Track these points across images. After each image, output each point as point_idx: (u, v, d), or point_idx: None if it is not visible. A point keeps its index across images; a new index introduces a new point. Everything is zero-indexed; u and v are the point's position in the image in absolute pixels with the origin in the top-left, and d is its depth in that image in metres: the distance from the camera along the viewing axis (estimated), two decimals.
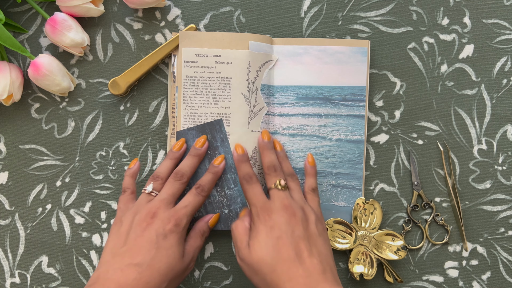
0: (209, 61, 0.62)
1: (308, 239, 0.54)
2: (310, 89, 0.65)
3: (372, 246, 0.64)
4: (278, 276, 0.51)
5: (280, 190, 0.56)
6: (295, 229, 0.53)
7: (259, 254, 0.52)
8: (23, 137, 0.65)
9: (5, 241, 0.65)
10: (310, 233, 0.54)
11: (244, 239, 0.55)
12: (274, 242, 0.52)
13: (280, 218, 0.54)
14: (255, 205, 0.56)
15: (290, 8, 0.66)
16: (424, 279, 0.66)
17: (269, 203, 0.56)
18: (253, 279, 0.54)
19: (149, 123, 0.66)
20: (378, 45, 0.66)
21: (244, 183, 0.58)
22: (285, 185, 0.57)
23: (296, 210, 0.55)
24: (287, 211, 0.54)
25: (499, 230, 0.66)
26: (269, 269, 0.51)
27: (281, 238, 0.52)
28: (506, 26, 0.67)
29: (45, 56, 0.60)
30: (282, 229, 0.53)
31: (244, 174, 0.58)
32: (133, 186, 0.61)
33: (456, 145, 0.66)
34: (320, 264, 0.52)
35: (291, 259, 0.51)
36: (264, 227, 0.54)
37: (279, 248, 0.52)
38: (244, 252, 0.54)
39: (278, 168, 0.59)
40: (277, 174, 0.58)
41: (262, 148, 0.61)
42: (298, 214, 0.55)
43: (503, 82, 0.66)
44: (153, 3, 0.62)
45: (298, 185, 0.60)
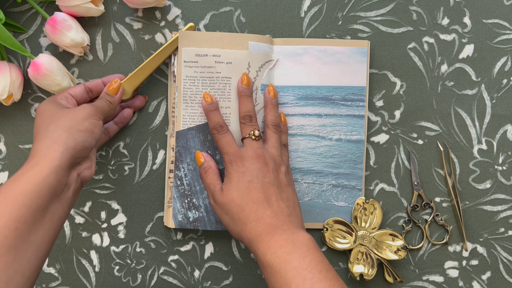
0: (209, 61, 0.62)
1: (278, 186, 0.56)
2: (310, 89, 0.65)
3: (372, 246, 0.64)
4: (246, 216, 0.53)
5: (254, 140, 0.58)
6: (266, 176, 0.55)
7: (230, 195, 0.55)
8: (23, 137, 0.65)
9: None
10: (280, 181, 0.56)
11: (218, 184, 0.57)
12: (245, 185, 0.55)
13: (252, 165, 0.56)
14: (227, 153, 0.57)
15: (290, 8, 0.66)
16: (424, 279, 0.66)
17: (241, 151, 0.57)
18: (223, 218, 0.56)
19: (149, 123, 0.66)
20: (378, 45, 0.66)
21: (215, 133, 0.59)
22: (259, 135, 0.58)
23: (269, 160, 0.57)
24: (259, 160, 0.56)
25: (499, 230, 0.66)
26: (238, 208, 0.54)
27: (251, 182, 0.55)
28: (506, 26, 0.67)
29: (45, 56, 0.60)
30: (253, 174, 0.55)
31: (215, 124, 0.59)
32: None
33: (456, 145, 0.66)
34: (287, 208, 0.54)
35: (260, 201, 0.54)
36: (236, 172, 0.56)
37: (249, 191, 0.54)
38: (217, 195, 0.56)
39: (254, 118, 0.60)
40: (252, 124, 0.59)
41: (240, 94, 0.61)
42: (270, 163, 0.56)
43: (503, 82, 0.66)
44: (153, 3, 0.62)
45: (278, 137, 0.60)
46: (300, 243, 0.50)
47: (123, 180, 0.65)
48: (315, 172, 0.65)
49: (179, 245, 0.66)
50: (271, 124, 0.61)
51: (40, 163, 0.48)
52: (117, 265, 0.65)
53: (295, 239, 0.50)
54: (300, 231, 0.52)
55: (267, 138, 0.60)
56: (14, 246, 0.45)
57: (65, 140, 0.51)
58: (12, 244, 0.45)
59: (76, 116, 0.53)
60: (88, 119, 0.54)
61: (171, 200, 0.63)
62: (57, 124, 0.52)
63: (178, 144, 0.63)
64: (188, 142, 0.63)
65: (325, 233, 0.64)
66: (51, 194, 0.49)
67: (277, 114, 0.62)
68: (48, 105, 0.55)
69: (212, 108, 0.60)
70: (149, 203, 0.66)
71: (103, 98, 0.59)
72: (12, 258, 0.45)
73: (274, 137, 0.60)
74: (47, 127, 0.52)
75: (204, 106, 0.60)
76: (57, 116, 0.53)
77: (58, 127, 0.52)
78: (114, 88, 0.59)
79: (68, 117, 0.53)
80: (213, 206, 0.57)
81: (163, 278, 0.66)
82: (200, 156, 0.60)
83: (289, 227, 0.52)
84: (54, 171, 0.49)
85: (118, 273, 0.66)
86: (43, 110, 0.55)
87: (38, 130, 0.53)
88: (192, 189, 0.63)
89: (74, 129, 0.52)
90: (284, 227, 0.52)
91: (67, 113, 0.54)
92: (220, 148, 0.58)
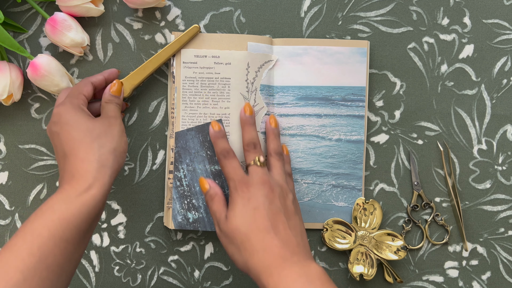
0: (208, 62, 0.62)
1: (285, 213, 0.54)
2: (310, 89, 0.65)
3: (372, 246, 0.64)
4: (252, 245, 0.51)
5: (259, 167, 0.57)
6: (272, 202, 0.54)
7: (234, 223, 0.52)
8: (23, 137, 0.65)
9: (5, 241, 0.65)
10: (287, 208, 0.55)
11: (223, 211, 0.55)
12: (250, 212, 0.53)
13: (258, 191, 0.54)
14: (233, 179, 0.56)
15: (290, 8, 0.66)
16: (424, 279, 0.66)
17: (247, 178, 0.56)
18: (228, 248, 0.54)
19: (149, 123, 0.66)
20: (378, 45, 0.66)
21: (222, 158, 0.58)
22: (263, 162, 0.57)
23: (275, 186, 0.55)
24: (265, 186, 0.55)
25: (499, 230, 0.66)
26: (243, 237, 0.51)
27: (257, 208, 0.53)
28: (506, 26, 0.66)
29: (44, 56, 0.60)
30: (259, 200, 0.53)
31: (221, 149, 0.58)
32: None
33: (456, 145, 0.66)
34: (295, 237, 0.52)
35: (266, 229, 0.51)
36: (241, 199, 0.54)
37: (255, 218, 0.52)
38: (222, 223, 0.54)
39: (258, 145, 0.59)
40: (256, 151, 0.58)
41: (243, 123, 0.61)
42: (276, 190, 0.55)
43: (503, 82, 0.66)
44: (153, 3, 0.62)
45: (282, 165, 0.59)
46: (314, 277, 0.48)
47: (123, 180, 0.65)
48: (315, 173, 0.65)
49: (179, 245, 0.66)
50: (274, 153, 0.60)
51: (94, 187, 0.50)
52: (117, 265, 0.66)
53: (307, 272, 0.49)
54: (312, 263, 0.50)
55: (271, 166, 0.59)
56: (62, 264, 0.47)
57: (111, 163, 0.52)
58: (60, 263, 0.47)
59: (115, 135, 0.54)
60: (123, 136, 0.55)
61: (171, 201, 0.63)
62: (100, 143, 0.52)
63: (177, 145, 0.63)
64: (188, 143, 0.63)
65: (325, 234, 0.64)
66: (98, 216, 0.51)
67: (279, 143, 0.61)
68: (77, 115, 0.54)
69: (220, 135, 0.59)
70: (149, 203, 0.66)
71: (112, 102, 0.58)
72: (58, 276, 0.47)
73: (278, 165, 0.59)
74: (90, 145, 0.52)
75: (211, 134, 0.60)
76: (95, 133, 0.53)
77: (103, 148, 0.52)
78: (117, 89, 0.59)
79: (109, 137, 0.53)
80: (218, 235, 0.55)
81: (163, 278, 0.66)
82: (205, 183, 0.58)
83: (299, 259, 0.50)
84: (105, 196, 0.50)
85: (118, 273, 0.66)
86: (74, 120, 0.53)
87: (78, 146, 0.52)
88: (192, 190, 0.63)
89: (118, 151, 0.53)
90: (294, 259, 0.50)
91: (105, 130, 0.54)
92: (225, 174, 0.57)
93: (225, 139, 0.59)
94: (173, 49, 0.63)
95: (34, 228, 0.47)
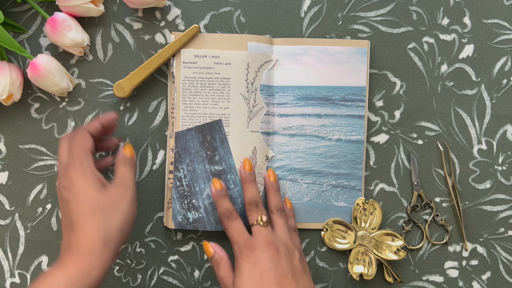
0: (208, 62, 0.62)
1: (293, 275, 0.53)
2: (310, 89, 0.65)
3: (372, 246, 0.64)
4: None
5: (262, 226, 0.56)
6: (279, 264, 0.53)
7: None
8: (23, 137, 0.65)
9: (5, 241, 0.65)
10: (295, 269, 0.54)
11: (230, 277, 0.55)
12: (257, 277, 0.52)
13: (263, 254, 0.53)
14: (237, 242, 0.55)
15: (290, 8, 0.66)
16: (424, 279, 0.66)
17: (251, 240, 0.55)
18: None
19: (149, 123, 0.66)
20: (378, 45, 0.66)
21: (224, 219, 0.57)
22: (266, 221, 0.57)
23: (280, 246, 0.54)
24: (270, 247, 0.54)
25: (499, 230, 0.66)
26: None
27: (264, 273, 0.52)
28: (506, 26, 0.66)
29: (43, 56, 0.60)
30: (266, 264, 0.52)
31: (224, 210, 0.58)
32: None
33: (456, 145, 0.66)
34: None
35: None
36: (247, 263, 0.53)
37: (262, 283, 0.51)
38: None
39: (259, 203, 0.58)
40: (258, 210, 0.58)
41: (243, 180, 0.60)
42: (281, 250, 0.54)
43: (503, 82, 0.66)
44: (153, 3, 0.62)
45: (285, 222, 0.59)
46: None
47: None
48: (315, 173, 0.65)
49: (179, 245, 0.66)
50: (276, 209, 0.59)
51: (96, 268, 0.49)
52: (117, 265, 0.66)
53: None
54: None
55: (274, 223, 0.59)
56: None
57: (116, 241, 0.51)
58: None
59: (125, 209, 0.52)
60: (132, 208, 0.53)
61: (171, 201, 0.63)
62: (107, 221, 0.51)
63: (177, 145, 0.63)
64: (187, 143, 0.63)
65: (324, 234, 0.64)
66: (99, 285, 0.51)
67: (279, 198, 0.61)
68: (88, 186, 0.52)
69: (222, 194, 0.59)
70: (149, 203, 0.66)
71: (127, 162, 0.56)
72: None
73: (280, 222, 0.58)
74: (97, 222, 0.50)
75: (213, 193, 0.59)
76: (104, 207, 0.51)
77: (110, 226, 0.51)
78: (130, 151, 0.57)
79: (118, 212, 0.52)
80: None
81: (163, 278, 0.66)
82: (209, 247, 0.58)
83: None
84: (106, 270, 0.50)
85: (118, 273, 0.66)
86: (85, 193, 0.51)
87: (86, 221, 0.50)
88: (192, 190, 0.63)
89: (124, 229, 0.52)
90: None
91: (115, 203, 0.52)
92: (229, 236, 0.57)
93: (227, 198, 0.59)
94: (173, 49, 0.63)
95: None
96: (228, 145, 0.63)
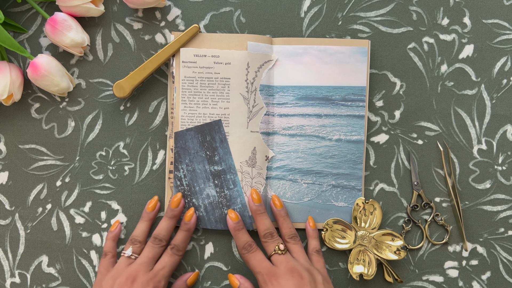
0: (208, 61, 0.62)
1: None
2: (310, 89, 0.65)
3: (372, 246, 0.64)
4: None
5: (282, 255, 0.57)
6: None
7: None
8: (23, 137, 0.65)
9: (5, 241, 0.65)
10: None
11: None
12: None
13: (287, 281, 0.54)
14: (260, 272, 0.56)
15: (290, 8, 0.66)
16: (424, 279, 0.66)
17: (274, 269, 0.56)
18: None
19: (149, 123, 0.66)
20: (378, 45, 0.66)
21: (245, 252, 0.59)
22: (284, 249, 0.58)
23: (302, 272, 0.55)
24: (293, 274, 0.55)
25: (499, 230, 0.66)
26: None
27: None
28: (506, 26, 0.66)
29: (44, 56, 0.60)
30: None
31: (244, 243, 0.59)
32: (114, 250, 0.62)
33: (456, 145, 0.66)
34: None
35: None
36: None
37: None
38: None
39: (274, 233, 0.60)
40: (274, 240, 0.59)
41: (254, 213, 0.61)
42: (305, 276, 0.55)
43: (503, 82, 0.66)
44: (153, 3, 0.62)
45: (301, 246, 0.60)
46: None
47: (123, 180, 0.65)
48: (315, 173, 0.65)
49: None
50: (289, 237, 0.61)
51: None
52: None
53: None
54: None
55: (291, 251, 0.60)
56: None
57: None
58: None
59: None
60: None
61: None
62: None
63: (177, 145, 0.63)
64: (187, 143, 0.63)
65: (325, 234, 0.64)
66: None
67: (290, 225, 0.62)
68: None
69: (239, 227, 0.60)
70: None
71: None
72: None
73: (297, 248, 0.60)
74: None
75: (230, 226, 0.60)
76: None
77: None
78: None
79: None
80: None
81: None
82: (234, 279, 0.60)
83: None
84: None
85: None
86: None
87: None
88: (192, 190, 0.63)
89: None
90: None
91: None
92: (251, 267, 0.58)
93: (244, 231, 0.60)
94: (172, 49, 0.63)
95: None
96: (227, 145, 0.63)
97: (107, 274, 0.59)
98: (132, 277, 0.56)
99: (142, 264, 0.58)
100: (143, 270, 0.57)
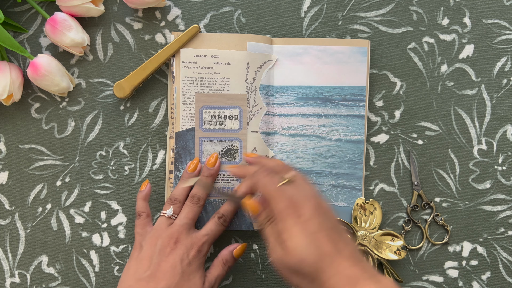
0: (208, 61, 0.62)
1: (335, 229, 0.50)
2: (310, 89, 0.65)
3: (372, 246, 0.64)
4: (324, 272, 0.48)
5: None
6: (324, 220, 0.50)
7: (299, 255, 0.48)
8: (23, 137, 0.65)
9: (5, 241, 0.65)
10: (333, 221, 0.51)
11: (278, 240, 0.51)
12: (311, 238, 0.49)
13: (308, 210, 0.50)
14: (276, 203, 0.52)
15: (290, 8, 0.66)
16: (424, 279, 0.66)
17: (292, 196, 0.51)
18: (293, 279, 0.50)
19: (149, 123, 0.66)
20: (378, 45, 0.66)
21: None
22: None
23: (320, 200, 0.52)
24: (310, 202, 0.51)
25: (499, 230, 0.66)
26: (312, 268, 0.48)
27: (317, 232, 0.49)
28: (506, 26, 0.66)
29: (44, 56, 0.60)
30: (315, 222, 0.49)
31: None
32: (147, 209, 0.61)
33: (456, 145, 0.66)
34: (354, 252, 0.49)
35: (332, 253, 0.48)
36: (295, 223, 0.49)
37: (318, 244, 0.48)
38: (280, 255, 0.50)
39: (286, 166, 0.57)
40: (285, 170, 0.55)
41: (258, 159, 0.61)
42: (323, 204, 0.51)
43: (503, 82, 0.66)
44: (153, 3, 0.62)
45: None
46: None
47: (123, 180, 0.65)
48: (315, 173, 0.65)
49: None
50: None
51: None
52: (117, 265, 0.66)
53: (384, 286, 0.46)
54: (381, 276, 0.48)
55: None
56: None
57: None
58: None
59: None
60: None
61: None
62: None
63: (177, 145, 0.63)
64: (188, 143, 0.63)
65: None
66: None
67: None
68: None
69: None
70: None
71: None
72: None
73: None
74: None
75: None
76: None
77: None
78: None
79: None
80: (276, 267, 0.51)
81: None
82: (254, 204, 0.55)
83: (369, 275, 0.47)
84: None
85: (118, 273, 0.66)
86: None
87: None
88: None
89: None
90: (365, 275, 0.47)
91: None
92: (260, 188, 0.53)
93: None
94: (172, 49, 0.63)
95: None
96: None
97: (147, 235, 0.58)
98: (175, 238, 0.56)
99: (183, 225, 0.58)
100: (185, 232, 0.57)
